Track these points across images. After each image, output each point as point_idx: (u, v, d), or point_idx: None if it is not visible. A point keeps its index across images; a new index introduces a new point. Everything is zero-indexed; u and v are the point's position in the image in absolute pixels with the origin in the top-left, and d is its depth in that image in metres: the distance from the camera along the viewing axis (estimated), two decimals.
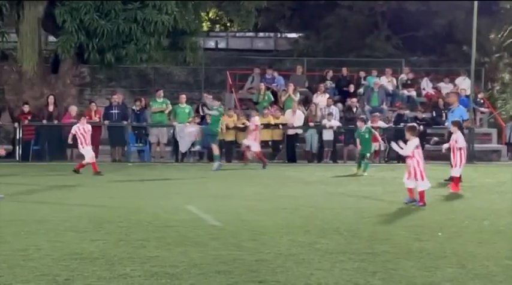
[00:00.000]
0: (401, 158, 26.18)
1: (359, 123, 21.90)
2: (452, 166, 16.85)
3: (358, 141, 21.82)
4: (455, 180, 16.54)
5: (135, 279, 7.77)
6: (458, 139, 16.63)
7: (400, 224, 11.85)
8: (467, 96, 27.02)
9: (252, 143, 23.60)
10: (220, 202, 14.37)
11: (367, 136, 21.47)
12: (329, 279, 7.93)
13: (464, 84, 29.06)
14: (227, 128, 25.50)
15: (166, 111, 26.18)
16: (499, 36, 33.89)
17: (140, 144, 26.11)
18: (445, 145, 17.23)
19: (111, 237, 10.18)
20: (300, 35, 39.68)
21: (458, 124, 17.11)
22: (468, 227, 11.59)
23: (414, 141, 14.26)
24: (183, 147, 25.31)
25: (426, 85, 31.02)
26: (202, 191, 16.59)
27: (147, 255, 8.94)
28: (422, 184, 14.00)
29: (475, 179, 17.91)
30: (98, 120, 25.39)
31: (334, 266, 8.57)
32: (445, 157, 20.54)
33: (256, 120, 24.19)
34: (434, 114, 27.90)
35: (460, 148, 16.64)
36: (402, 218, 12.56)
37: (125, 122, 25.78)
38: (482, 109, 29.38)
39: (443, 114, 26.19)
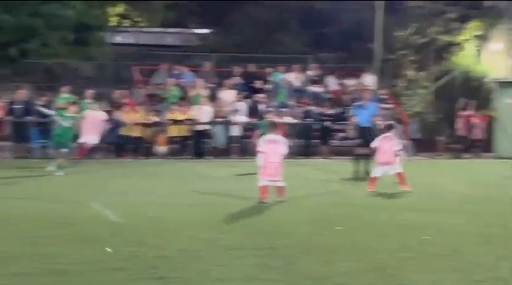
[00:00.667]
0: (308, 154, 26.69)
1: (268, 115, 21.69)
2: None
3: (258, 132, 21.62)
4: (374, 179, 16.57)
5: (25, 277, 7.66)
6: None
7: (302, 218, 11.98)
8: (373, 93, 27.44)
9: (89, 136, 23.13)
10: (125, 198, 14.26)
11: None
12: (228, 275, 7.98)
13: (369, 80, 29.54)
14: (134, 124, 25.31)
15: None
16: (404, 33, 34.49)
17: (44, 140, 25.62)
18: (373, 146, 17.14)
19: (7, 235, 10.02)
20: (209, 30, 39.62)
21: (389, 127, 17.28)
22: (367, 221, 11.81)
23: (267, 136, 14.20)
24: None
25: (331, 81, 31.41)
26: (108, 187, 16.43)
27: (42, 253, 8.82)
28: (278, 181, 13.91)
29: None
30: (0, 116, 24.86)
31: (234, 261, 8.63)
32: (350, 153, 20.90)
33: (100, 114, 23.82)
34: (340, 110, 28.26)
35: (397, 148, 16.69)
36: (304, 212, 12.69)
37: (29, 118, 25.27)
38: (385, 105, 29.89)
39: (349, 110, 26.53)
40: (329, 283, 7.73)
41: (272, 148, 14.04)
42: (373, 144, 16.63)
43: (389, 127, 17.13)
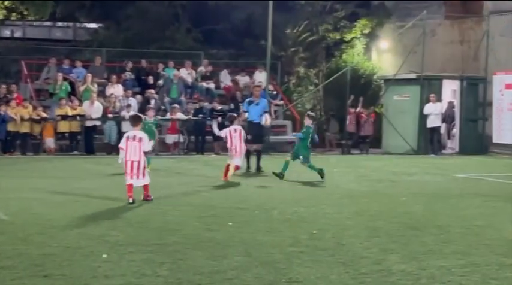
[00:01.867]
0: (201, 150, 26.65)
1: (148, 113, 20.91)
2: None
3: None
4: (227, 168, 17.24)
5: None
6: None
7: (193, 214, 11.97)
8: (263, 89, 27.65)
9: None
10: (11, 196, 13.92)
11: (153, 128, 20.48)
12: (116, 271, 7.90)
13: (261, 77, 29.76)
14: (22, 119, 24.75)
15: None
16: (295, 31, 34.91)
17: None
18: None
19: None
20: (100, 25, 39.10)
21: (232, 118, 18.28)
22: (257, 216, 11.90)
23: (128, 133, 13.62)
24: None
25: (224, 77, 31.54)
26: None
27: None
28: (143, 180, 13.36)
29: (269, 170, 18.41)
30: None
31: (123, 257, 8.55)
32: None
33: None
34: (232, 106, 28.36)
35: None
36: (195, 208, 12.68)
37: None
38: (275, 101, 30.21)
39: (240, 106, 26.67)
40: (218, 278, 7.74)
41: (132, 145, 13.27)
42: (228, 137, 17.39)
43: (232, 119, 18.06)
